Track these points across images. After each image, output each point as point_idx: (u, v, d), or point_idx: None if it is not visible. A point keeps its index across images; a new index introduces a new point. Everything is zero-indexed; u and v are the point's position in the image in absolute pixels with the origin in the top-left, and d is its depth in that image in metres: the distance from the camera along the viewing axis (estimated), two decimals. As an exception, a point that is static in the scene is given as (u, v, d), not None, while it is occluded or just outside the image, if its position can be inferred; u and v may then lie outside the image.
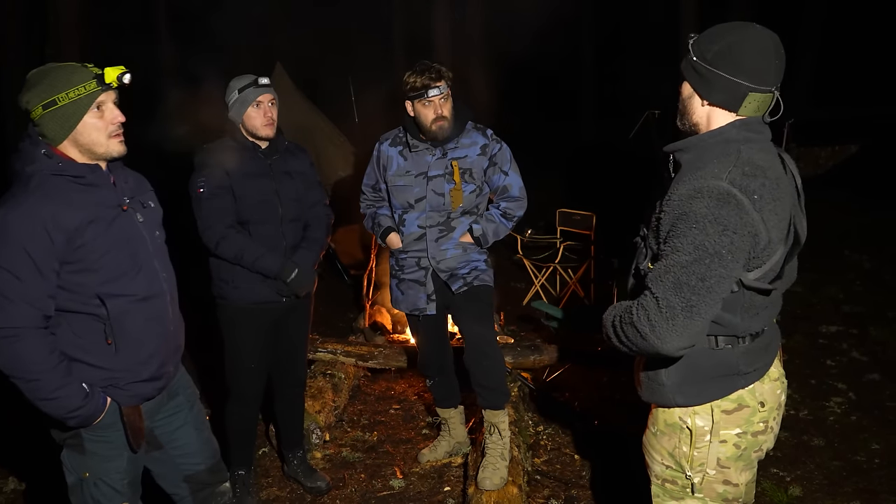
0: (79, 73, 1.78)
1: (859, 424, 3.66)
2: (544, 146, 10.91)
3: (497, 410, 3.02)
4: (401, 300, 3.11)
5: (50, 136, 1.79)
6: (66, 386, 1.76)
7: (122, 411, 1.90)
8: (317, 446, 3.48)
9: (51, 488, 3.22)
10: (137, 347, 1.90)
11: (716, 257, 1.49)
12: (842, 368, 4.36)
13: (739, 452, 1.68)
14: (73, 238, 1.75)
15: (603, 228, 5.76)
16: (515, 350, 4.09)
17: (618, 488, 3.14)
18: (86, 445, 1.89)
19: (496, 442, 2.99)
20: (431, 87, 2.77)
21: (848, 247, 7.03)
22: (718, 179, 1.51)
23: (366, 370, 4.30)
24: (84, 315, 1.83)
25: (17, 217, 1.70)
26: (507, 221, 3.04)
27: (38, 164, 1.77)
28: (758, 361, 1.69)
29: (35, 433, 3.67)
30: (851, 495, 3.03)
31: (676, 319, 1.49)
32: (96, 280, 1.81)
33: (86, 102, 1.78)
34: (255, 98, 2.69)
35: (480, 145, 2.95)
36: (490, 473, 2.88)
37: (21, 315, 1.71)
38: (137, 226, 1.93)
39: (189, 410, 2.16)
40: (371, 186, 3.14)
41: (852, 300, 5.60)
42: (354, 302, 5.45)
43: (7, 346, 1.70)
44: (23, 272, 1.70)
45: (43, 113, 1.76)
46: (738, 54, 1.55)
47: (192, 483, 2.18)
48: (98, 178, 1.85)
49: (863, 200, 8.54)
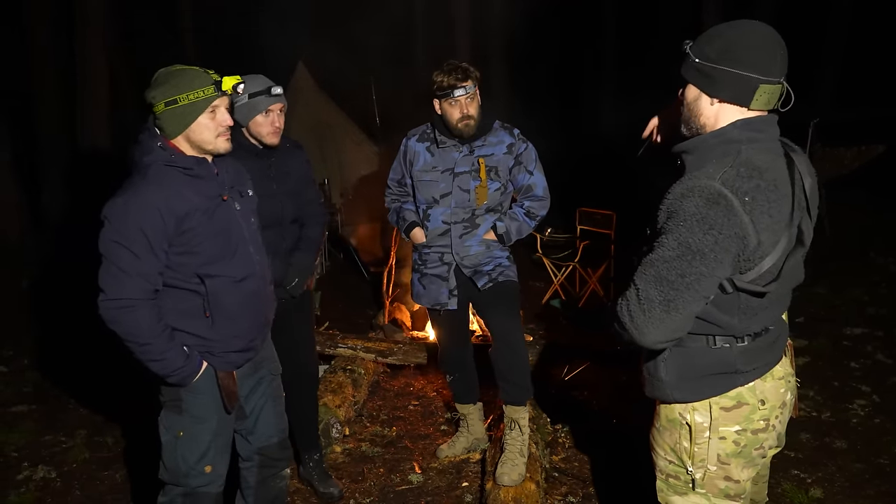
0: (200, 78, 2.01)
1: (883, 427, 3.61)
2: (562, 135, 10.87)
3: (519, 406, 3.04)
4: (422, 294, 3.14)
5: (167, 130, 2.01)
6: (171, 349, 2.00)
7: (217, 375, 2.11)
8: (336, 440, 3.52)
9: (78, 478, 3.31)
10: (231, 321, 2.11)
11: (698, 255, 1.50)
12: (866, 371, 4.30)
13: (739, 449, 1.68)
14: (182, 223, 1.98)
15: (623, 228, 5.74)
16: (534, 348, 4.10)
17: (635, 487, 3.14)
18: (184, 406, 2.10)
19: (516, 438, 3.01)
20: (458, 87, 2.81)
21: (873, 248, 6.92)
22: (711, 179, 1.52)
23: (385, 366, 4.34)
24: (185, 291, 2.05)
25: (136, 203, 1.93)
26: (530, 220, 3.08)
27: (154, 155, 2.00)
28: (758, 360, 1.69)
29: (61, 423, 3.79)
30: (873, 498, 3.00)
31: (653, 312, 1.53)
32: (197, 261, 2.03)
33: (202, 105, 2.01)
34: (266, 106, 2.67)
35: (507, 144, 2.99)
36: (509, 469, 2.90)
37: (137, 288, 1.94)
38: (235, 214, 2.13)
39: (269, 384, 2.35)
40: (397, 181, 3.18)
41: (877, 302, 5.52)
42: (374, 299, 5.49)
43: (126, 314, 1.94)
44: (140, 250, 1.93)
45: (164, 109, 1.98)
46: (742, 48, 1.55)
47: (263, 457, 2.37)
48: (204, 170, 2.07)
49: (888, 202, 8.39)
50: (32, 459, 3.47)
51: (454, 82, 2.81)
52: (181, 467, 2.12)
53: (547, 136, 4.83)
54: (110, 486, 3.24)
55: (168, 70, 2.02)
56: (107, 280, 1.94)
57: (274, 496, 2.45)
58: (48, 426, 3.80)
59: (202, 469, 2.13)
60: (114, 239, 1.92)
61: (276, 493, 2.45)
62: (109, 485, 3.24)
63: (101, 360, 4.18)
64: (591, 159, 10.25)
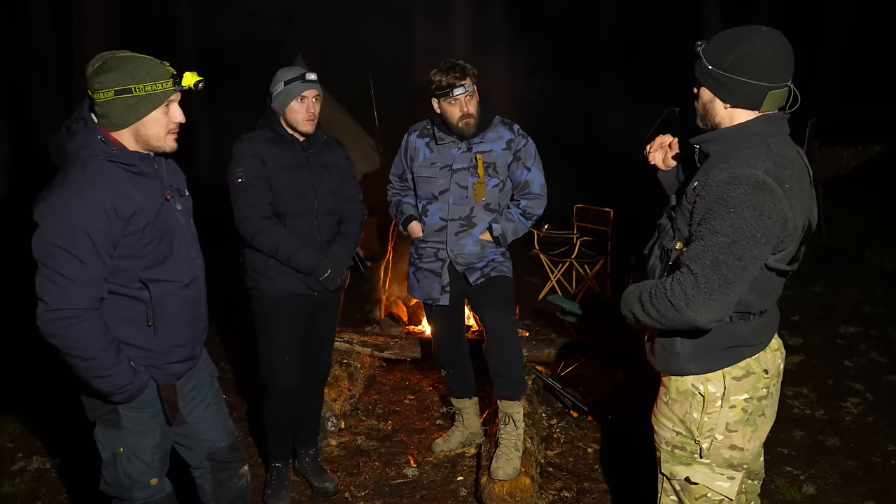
0: (157, 70, 1.84)
1: (876, 425, 3.63)
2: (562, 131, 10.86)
3: (513, 401, 3.05)
4: (416, 288, 3.16)
5: (114, 120, 1.84)
6: (118, 364, 1.83)
7: (159, 389, 1.98)
8: (332, 434, 3.52)
9: (73, 468, 3.31)
10: (174, 329, 1.98)
11: (751, 239, 1.62)
12: (860, 369, 4.32)
13: (746, 416, 1.81)
14: (127, 224, 1.82)
15: (620, 224, 5.74)
16: (530, 343, 4.10)
17: (629, 482, 3.16)
18: (122, 421, 1.96)
19: (510, 432, 3.02)
20: (457, 86, 2.80)
21: (869, 248, 6.95)
22: (755, 168, 1.64)
23: (381, 360, 4.35)
24: (126, 298, 1.89)
25: (78, 201, 1.74)
26: (525, 220, 3.07)
27: (93, 149, 1.82)
28: (764, 335, 1.84)
29: (56, 414, 3.79)
30: (866, 495, 3.02)
31: (713, 294, 1.63)
32: (140, 265, 1.88)
33: (159, 99, 1.85)
34: (300, 92, 2.68)
35: (506, 140, 2.98)
36: (503, 463, 2.91)
37: (83, 296, 1.77)
38: (176, 214, 2.00)
39: (209, 388, 2.23)
40: (398, 176, 3.19)
41: (872, 301, 5.54)
42: (371, 293, 5.49)
43: (70, 326, 1.75)
44: (84, 255, 1.75)
45: (114, 98, 1.80)
46: (755, 60, 1.68)
47: (215, 461, 2.25)
48: (147, 166, 1.92)
49: (885, 202, 8.43)
50: (27, 450, 3.47)
51: (453, 81, 2.80)
52: (124, 482, 2.01)
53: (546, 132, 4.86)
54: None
55: (117, 55, 1.83)
56: (47, 288, 1.74)
57: (235, 496, 2.33)
58: (43, 417, 3.79)
59: (147, 482, 2.03)
60: (54, 242, 1.73)
61: (238, 493, 2.33)
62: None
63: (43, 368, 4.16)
64: (590, 155, 10.26)
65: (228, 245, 2.94)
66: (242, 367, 4.31)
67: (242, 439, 3.51)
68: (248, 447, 3.45)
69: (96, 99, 1.82)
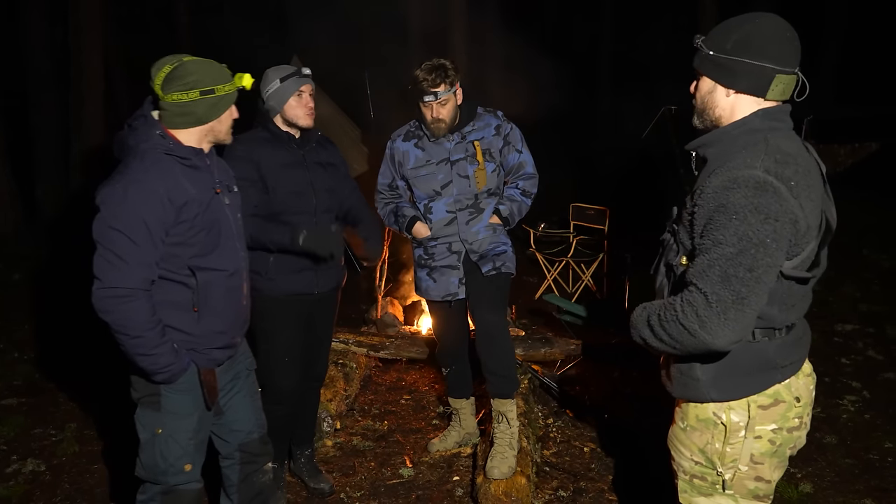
0: (226, 73, 2.04)
1: (873, 423, 3.62)
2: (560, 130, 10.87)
3: (506, 399, 3.04)
4: (433, 288, 3.12)
5: (197, 116, 2.00)
6: (162, 345, 1.94)
7: (200, 373, 2.07)
8: (328, 434, 3.51)
9: (67, 470, 3.30)
10: (217, 316, 2.08)
11: (761, 246, 1.46)
12: (857, 367, 4.32)
13: (774, 449, 1.65)
14: (180, 213, 1.94)
15: (616, 224, 5.74)
16: (527, 343, 4.10)
17: (626, 481, 3.15)
18: (163, 403, 2.05)
19: (504, 431, 3.01)
20: (428, 93, 2.84)
21: (867, 245, 6.95)
22: (753, 169, 1.49)
23: (377, 360, 4.34)
24: (175, 283, 2.00)
25: (137, 189, 1.88)
26: (526, 199, 3.12)
27: (152, 143, 1.96)
28: (793, 355, 1.67)
29: (51, 417, 3.78)
30: (863, 493, 3.01)
31: (728, 313, 1.46)
32: (189, 253, 1.99)
33: (232, 98, 2.06)
34: (297, 87, 2.68)
35: (494, 126, 3.03)
36: (498, 462, 2.90)
37: (135, 277, 1.88)
38: (224, 208, 2.11)
39: (246, 379, 2.32)
40: (387, 185, 3.17)
41: (869, 299, 5.54)
42: (367, 293, 5.48)
43: (121, 304, 1.87)
44: (140, 238, 1.88)
45: (199, 98, 1.97)
46: (759, 39, 1.56)
47: (244, 453, 2.33)
48: (200, 160, 2.05)
49: (883, 199, 8.43)
50: (22, 452, 3.45)
51: (426, 87, 2.83)
52: (160, 465, 2.07)
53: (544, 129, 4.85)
54: (99, 479, 3.22)
55: (195, 61, 2.00)
56: (103, 267, 1.87)
57: (258, 492, 2.40)
58: (38, 419, 3.78)
59: (181, 467, 2.09)
60: (111, 225, 1.86)
61: (260, 489, 2.41)
62: (99, 478, 3.23)
63: (91, 354, 4.16)
64: (589, 153, 10.25)
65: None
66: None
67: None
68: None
69: (175, 100, 1.96)
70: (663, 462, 1.90)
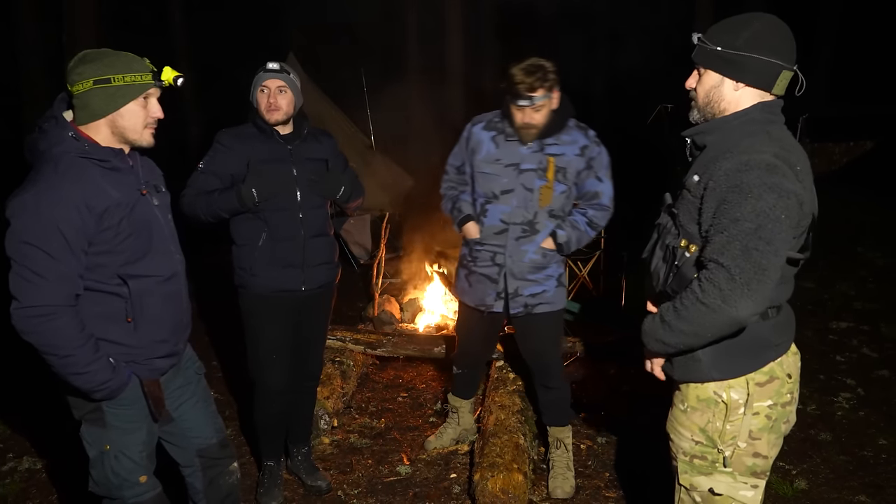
0: (138, 63, 1.87)
1: (867, 420, 3.64)
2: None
3: (562, 427, 3.12)
4: (466, 292, 3.00)
5: (92, 109, 1.84)
6: (96, 361, 1.83)
7: (143, 385, 1.97)
8: (325, 432, 3.51)
9: (64, 468, 3.30)
10: (155, 325, 1.97)
11: (777, 222, 1.56)
12: (851, 364, 4.34)
13: (770, 424, 1.74)
14: (101, 220, 1.81)
15: (613, 221, 5.73)
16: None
17: (622, 478, 3.16)
18: (107, 419, 1.95)
19: (562, 455, 3.11)
20: (523, 97, 2.62)
21: (861, 244, 6.98)
22: (763, 153, 1.61)
23: (374, 358, 4.34)
24: (104, 294, 1.88)
25: (51, 199, 1.74)
26: (590, 230, 2.89)
27: (65, 146, 1.82)
28: (784, 334, 1.78)
29: (47, 414, 3.77)
30: (857, 489, 3.03)
31: (751, 284, 1.55)
32: (118, 261, 1.87)
33: (137, 90, 1.86)
34: (262, 82, 2.66)
35: (580, 146, 2.80)
36: (561, 482, 3.02)
37: (56, 293, 1.76)
38: (153, 209, 1.99)
39: (196, 384, 2.23)
40: (456, 167, 3.00)
41: (864, 297, 5.56)
42: (364, 291, 5.48)
43: (44, 323, 1.75)
44: (57, 251, 1.74)
45: (92, 88, 1.81)
46: (768, 37, 1.67)
47: (204, 458, 2.24)
48: (121, 161, 1.91)
49: (877, 197, 8.47)
50: (18, 450, 3.44)
51: (522, 91, 2.60)
52: (113, 481, 1.99)
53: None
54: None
55: (101, 50, 1.87)
56: (19, 286, 1.73)
57: (226, 494, 2.32)
58: (34, 417, 3.77)
59: (136, 479, 2.02)
60: (24, 239, 1.72)
61: (228, 491, 2.32)
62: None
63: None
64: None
65: (220, 243, 2.93)
66: (234, 365, 4.30)
67: (234, 438, 3.49)
68: (241, 446, 3.44)
69: (74, 91, 1.82)
70: (658, 458, 1.91)
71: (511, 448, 3.00)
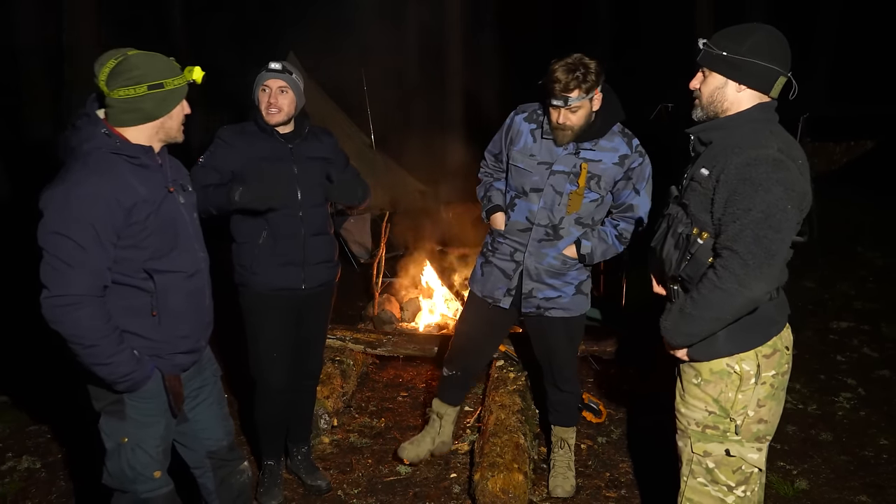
0: (173, 66, 1.96)
1: (868, 420, 3.64)
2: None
3: (568, 427, 3.13)
4: (478, 280, 2.93)
5: (146, 112, 1.91)
6: (120, 352, 1.86)
7: (164, 379, 2.00)
8: (325, 431, 3.51)
9: (64, 468, 3.29)
10: (178, 320, 2.01)
11: (784, 211, 1.74)
12: (852, 364, 4.34)
13: (773, 392, 1.94)
14: (130, 215, 1.86)
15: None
16: (525, 342, 4.09)
17: (623, 478, 3.16)
18: (127, 411, 1.98)
19: (564, 455, 3.11)
20: (557, 97, 2.48)
21: (861, 243, 6.98)
22: (769, 149, 1.77)
23: (374, 358, 4.33)
24: (130, 287, 1.93)
25: (81, 192, 1.80)
26: (619, 245, 2.78)
27: (96, 142, 1.87)
28: (783, 312, 1.97)
29: (46, 414, 3.76)
30: (858, 489, 3.03)
31: (763, 267, 1.74)
32: (143, 256, 1.92)
33: (182, 92, 1.97)
34: (262, 82, 2.66)
35: (620, 154, 2.66)
36: (561, 481, 3.02)
37: (83, 283, 1.80)
38: (179, 207, 2.04)
39: (213, 386, 2.26)
40: (494, 155, 2.91)
41: (864, 297, 5.56)
42: (364, 290, 5.48)
43: (70, 312, 1.79)
44: (86, 241, 1.79)
45: (147, 93, 1.88)
46: (769, 46, 1.86)
47: (215, 459, 2.27)
48: (149, 159, 1.96)
49: (877, 197, 8.47)
50: (17, 450, 3.44)
51: (557, 90, 2.47)
52: (128, 474, 2.02)
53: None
54: (95, 477, 3.21)
55: (141, 53, 1.91)
56: (49, 275, 1.78)
57: (238, 493, 2.33)
58: (33, 416, 3.77)
59: (151, 474, 2.04)
60: (54, 230, 1.77)
61: (240, 489, 2.34)
62: (94, 476, 3.22)
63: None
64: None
65: (222, 241, 2.93)
66: (235, 364, 4.29)
67: (235, 437, 3.48)
68: (241, 445, 3.41)
69: (121, 96, 1.87)
70: (658, 458, 1.93)
71: (511, 448, 2.99)
